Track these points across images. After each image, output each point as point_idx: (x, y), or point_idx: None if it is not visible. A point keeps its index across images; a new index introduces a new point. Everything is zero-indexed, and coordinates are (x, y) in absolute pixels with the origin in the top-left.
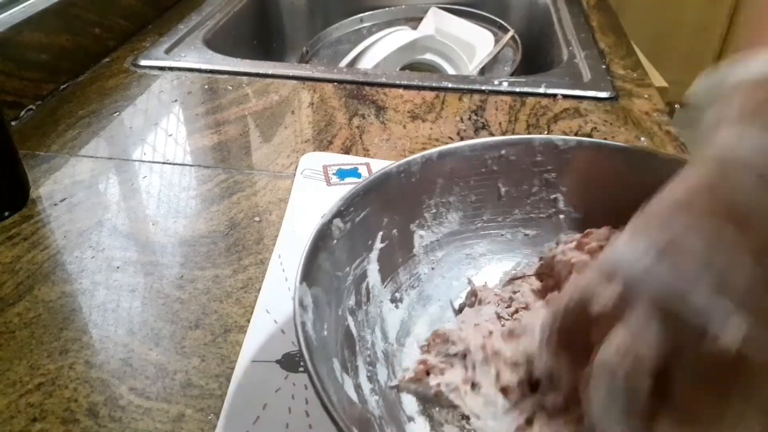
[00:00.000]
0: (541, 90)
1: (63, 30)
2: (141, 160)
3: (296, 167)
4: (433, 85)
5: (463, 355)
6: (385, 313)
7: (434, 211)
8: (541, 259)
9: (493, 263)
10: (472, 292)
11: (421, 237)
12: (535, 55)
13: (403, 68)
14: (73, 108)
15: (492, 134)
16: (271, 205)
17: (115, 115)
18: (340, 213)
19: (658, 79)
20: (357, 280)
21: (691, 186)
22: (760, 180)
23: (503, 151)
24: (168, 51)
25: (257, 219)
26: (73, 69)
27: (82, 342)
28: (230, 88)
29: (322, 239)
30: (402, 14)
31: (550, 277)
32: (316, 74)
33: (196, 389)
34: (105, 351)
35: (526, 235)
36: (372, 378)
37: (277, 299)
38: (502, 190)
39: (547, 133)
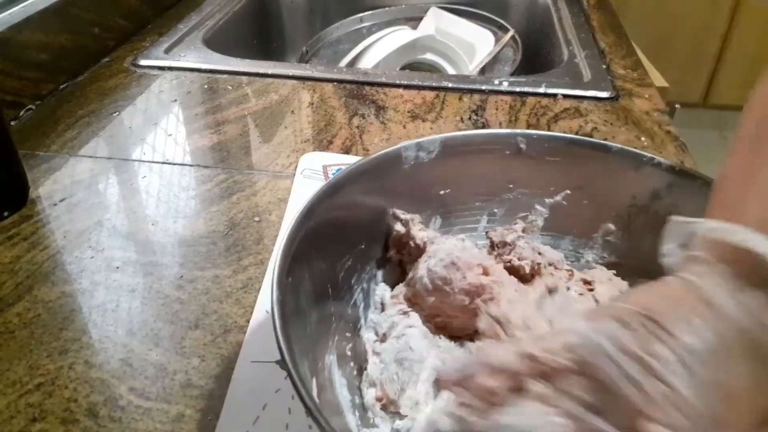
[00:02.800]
0: (542, 90)
1: (63, 30)
2: (140, 160)
3: (296, 167)
4: (433, 84)
5: None
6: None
7: None
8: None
9: None
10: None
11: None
12: (535, 54)
13: (403, 68)
14: (73, 108)
15: None
16: (271, 205)
17: (114, 114)
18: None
19: (658, 79)
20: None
21: (664, 298)
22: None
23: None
24: (168, 51)
25: (257, 219)
26: (72, 69)
27: (81, 342)
28: (230, 87)
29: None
30: (402, 14)
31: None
32: (316, 74)
33: (195, 389)
34: (105, 351)
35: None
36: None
37: None
38: None
39: None
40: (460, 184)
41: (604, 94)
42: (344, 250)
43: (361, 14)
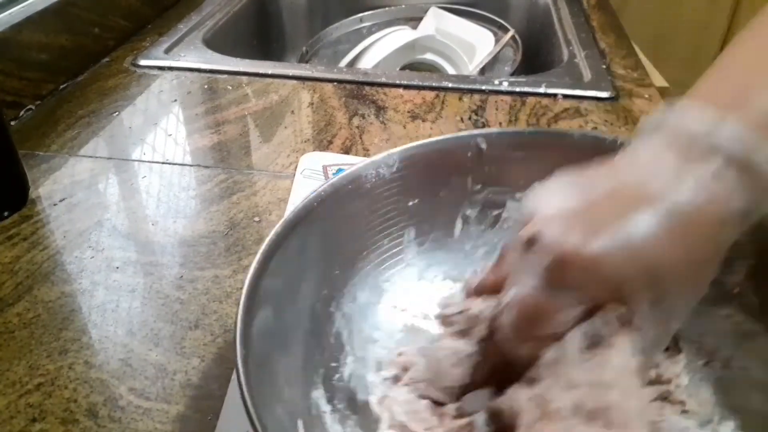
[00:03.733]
0: (542, 90)
1: (63, 30)
2: (140, 160)
3: (296, 167)
4: (433, 84)
5: None
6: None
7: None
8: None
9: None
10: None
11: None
12: (535, 54)
13: (403, 68)
14: (73, 108)
15: None
16: (271, 205)
17: (114, 114)
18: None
19: (658, 79)
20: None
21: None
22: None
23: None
24: (167, 51)
25: (257, 219)
26: (72, 69)
27: (81, 342)
28: (230, 87)
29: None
30: (402, 14)
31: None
32: (316, 74)
33: (195, 390)
34: (104, 351)
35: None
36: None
37: None
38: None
39: None
40: (427, 192)
41: (604, 94)
42: (318, 279)
43: (361, 14)
